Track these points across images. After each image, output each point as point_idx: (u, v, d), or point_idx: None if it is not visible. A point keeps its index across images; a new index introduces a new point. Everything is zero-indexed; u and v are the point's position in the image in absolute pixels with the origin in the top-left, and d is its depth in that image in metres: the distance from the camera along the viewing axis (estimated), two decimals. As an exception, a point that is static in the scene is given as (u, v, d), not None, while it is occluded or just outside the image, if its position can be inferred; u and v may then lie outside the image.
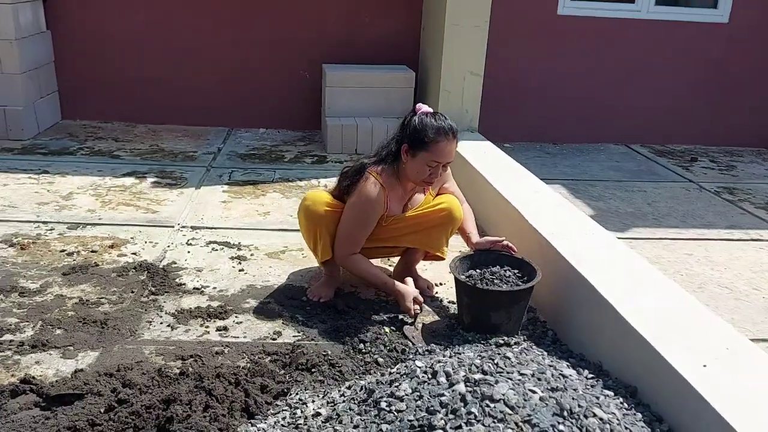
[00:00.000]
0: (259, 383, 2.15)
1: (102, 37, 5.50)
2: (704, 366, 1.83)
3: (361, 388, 1.84)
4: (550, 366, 1.84)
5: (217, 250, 3.33)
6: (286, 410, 2.00)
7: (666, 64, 5.85)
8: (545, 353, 2.32)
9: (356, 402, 1.75)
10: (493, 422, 1.50)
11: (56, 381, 2.15)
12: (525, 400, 1.57)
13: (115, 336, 2.52)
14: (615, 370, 2.15)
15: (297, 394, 2.16)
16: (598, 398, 1.73)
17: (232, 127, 5.78)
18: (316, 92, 5.67)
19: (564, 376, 1.77)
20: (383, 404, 1.64)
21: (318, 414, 1.86)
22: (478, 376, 1.62)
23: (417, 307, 2.68)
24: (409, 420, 1.56)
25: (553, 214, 3.11)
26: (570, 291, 2.56)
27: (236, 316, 2.72)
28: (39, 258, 3.13)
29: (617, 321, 2.16)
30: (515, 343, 2.42)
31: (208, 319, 2.68)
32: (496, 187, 3.54)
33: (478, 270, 2.69)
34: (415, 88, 5.41)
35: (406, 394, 1.60)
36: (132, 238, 3.41)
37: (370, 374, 2.23)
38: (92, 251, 3.23)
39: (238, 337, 2.57)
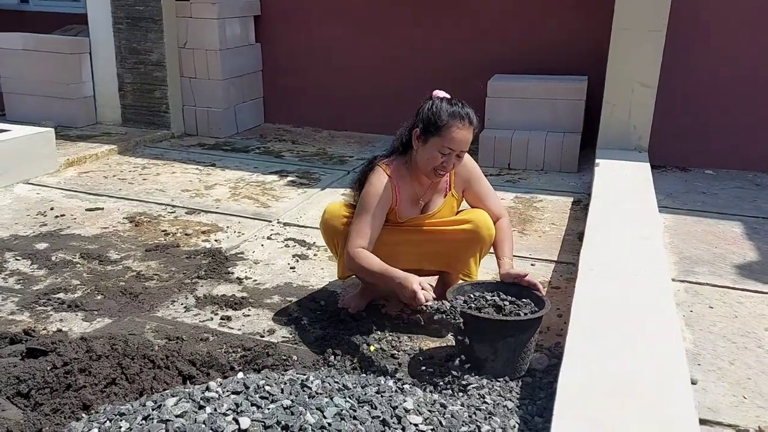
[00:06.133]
0: (189, 372, 2.16)
1: (302, 49, 6.00)
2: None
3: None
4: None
5: (288, 246, 3.41)
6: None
7: None
8: (501, 404, 1.93)
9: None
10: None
11: (36, 337, 2.41)
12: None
13: (134, 309, 2.74)
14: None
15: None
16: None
17: (405, 136, 5.83)
18: (487, 103, 5.44)
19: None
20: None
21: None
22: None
23: (426, 293, 2.13)
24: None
25: (621, 248, 2.55)
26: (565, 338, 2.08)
27: (249, 309, 2.75)
28: (141, 234, 3.54)
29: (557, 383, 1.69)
30: (476, 387, 2.03)
31: (223, 308, 2.76)
32: (591, 209, 3.03)
33: (490, 294, 2.34)
34: (589, 101, 4.88)
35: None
36: (228, 227, 3.67)
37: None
38: (186, 234, 3.55)
39: (233, 329, 2.60)
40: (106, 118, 5.92)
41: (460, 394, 2.02)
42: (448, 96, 2.44)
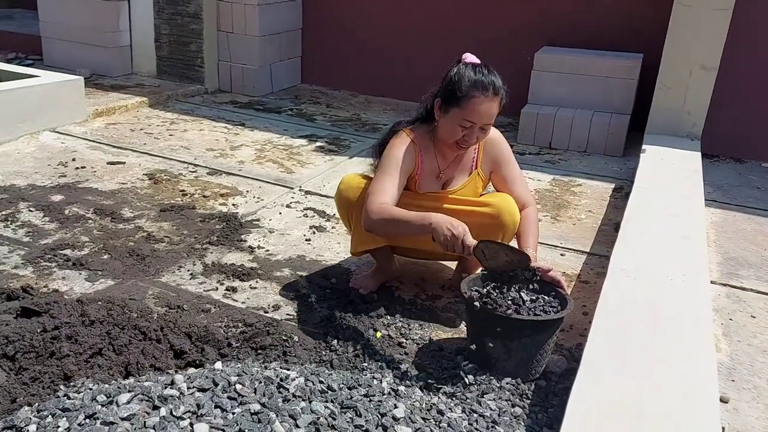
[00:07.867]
0: (181, 347, 2.04)
1: (344, 9, 5.77)
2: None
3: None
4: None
5: (307, 216, 3.27)
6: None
7: None
8: (507, 410, 1.77)
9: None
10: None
11: (33, 295, 2.33)
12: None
13: (139, 272, 2.64)
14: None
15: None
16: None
17: (444, 106, 5.59)
18: (533, 77, 5.15)
19: None
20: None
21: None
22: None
23: (462, 235, 1.99)
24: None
25: (658, 246, 2.33)
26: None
27: (256, 281, 2.63)
28: (158, 193, 3.44)
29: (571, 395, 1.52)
30: (484, 389, 1.87)
31: (230, 277, 2.64)
32: (631, 201, 2.80)
33: (507, 288, 2.16)
34: (642, 80, 4.56)
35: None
36: (247, 191, 3.54)
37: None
38: (204, 196, 3.43)
39: (237, 301, 2.48)
40: (142, 69, 5.83)
41: (464, 397, 1.86)
42: (477, 61, 2.24)
